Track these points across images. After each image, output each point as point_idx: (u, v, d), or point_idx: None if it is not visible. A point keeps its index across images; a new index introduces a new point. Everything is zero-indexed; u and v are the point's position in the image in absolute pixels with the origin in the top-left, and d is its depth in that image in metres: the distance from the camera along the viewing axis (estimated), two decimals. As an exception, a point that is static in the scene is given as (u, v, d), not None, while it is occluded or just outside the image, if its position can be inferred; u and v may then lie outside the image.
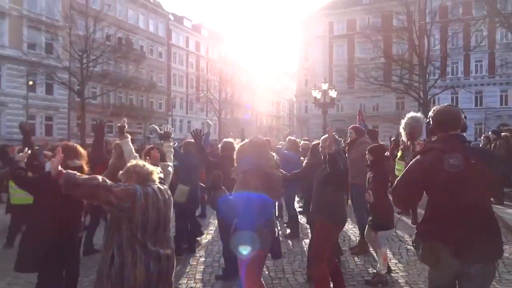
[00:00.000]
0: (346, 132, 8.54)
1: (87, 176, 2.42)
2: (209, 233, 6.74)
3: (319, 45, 41.83)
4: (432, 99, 24.27)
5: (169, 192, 2.72)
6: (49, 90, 28.78)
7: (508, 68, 31.70)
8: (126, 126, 3.69)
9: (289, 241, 6.11)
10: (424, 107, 20.57)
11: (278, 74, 71.17)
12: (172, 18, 44.35)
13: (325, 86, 18.45)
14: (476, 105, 34.58)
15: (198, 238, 6.12)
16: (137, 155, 3.40)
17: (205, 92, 41.99)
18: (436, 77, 25.14)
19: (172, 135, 4.22)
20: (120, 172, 2.62)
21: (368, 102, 39.73)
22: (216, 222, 5.42)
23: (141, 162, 2.68)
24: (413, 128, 3.68)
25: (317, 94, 18.52)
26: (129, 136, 3.64)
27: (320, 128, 29.15)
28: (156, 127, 5.71)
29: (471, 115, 30.55)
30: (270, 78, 66.59)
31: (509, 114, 32.88)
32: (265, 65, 64.13)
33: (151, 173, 2.60)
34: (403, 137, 3.87)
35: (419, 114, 3.82)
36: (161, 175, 2.82)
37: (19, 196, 5.53)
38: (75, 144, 3.50)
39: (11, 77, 26.07)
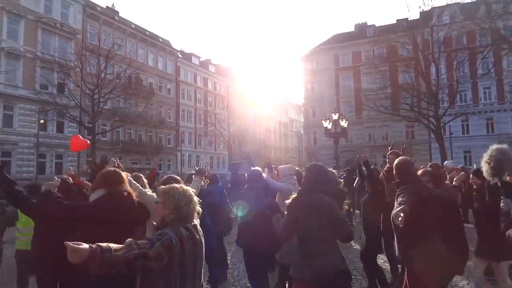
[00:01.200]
0: (355, 162, 8.26)
1: (120, 247, 1.81)
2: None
3: (325, 77, 42.32)
4: (443, 127, 23.97)
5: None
6: (59, 128, 29.12)
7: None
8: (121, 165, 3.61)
9: None
10: (436, 135, 20.19)
11: (284, 107, 71.83)
12: (180, 56, 45.54)
13: (335, 116, 18.31)
14: (487, 132, 34.13)
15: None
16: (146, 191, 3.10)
17: (214, 125, 42.25)
18: (445, 105, 24.98)
19: (206, 173, 4.02)
20: (156, 201, 2.17)
21: (377, 132, 39.50)
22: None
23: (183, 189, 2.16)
24: (500, 162, 3.31)
25: (327, 125, 18.35)
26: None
27: (330, 160, 28.86)
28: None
29: (483, 142, 29.99)
30: (276, 111, 67.15)
31: (524, 140, 32.23)
32: (272, 98, 64.85)
33: (193, 210, 2.13)
34: (486, 172, 3.46)
35: (505, 146, 3.47)
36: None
37: (25, 240, 5.12)
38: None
39: (23, 116, 26.51)
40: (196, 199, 2.16)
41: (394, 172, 3.31)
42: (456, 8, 31.33)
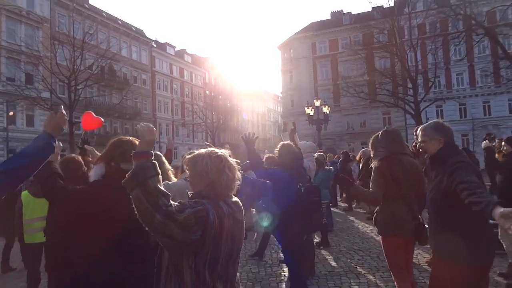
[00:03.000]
0: (335, 150, 8.36)
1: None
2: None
3: (303, 66, 42.31)
4: (422, 111, 24.48)
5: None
6: (29, 122, 27.77)
7: (488, 80, 32.67)
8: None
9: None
10: (416, 120, 20.54)
11: (262, 97, 71.57)
12: (155, 45, 44.29)
13: (317, 103, 18.24)
14: (460, 117, 35.23)
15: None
16: None
17: (192, 117, 41.56)
18: (421, 91, 25.50)
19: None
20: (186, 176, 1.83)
21: (355, 119, 40.03)
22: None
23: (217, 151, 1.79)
24: None
25: (310, 111, 18.27)
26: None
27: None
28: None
29: (458, 127, 30.98)
30: (254, 101, 66.84)
31: (493, 123, 33.50)
32: (249, 89, 64.43)
33: (233, 180, 1.74)
34: None
35: None
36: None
37: (33, 232, 4.53)
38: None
39: (-11, 110, 25.06)
40: (235, 165, 1.79)
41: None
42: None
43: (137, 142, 1.98)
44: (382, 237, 3.13)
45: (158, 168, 1.54)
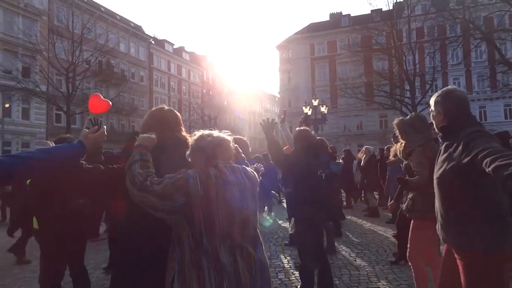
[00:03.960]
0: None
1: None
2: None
3: (301, 66, 42.38)
4: (419, 114, 24.72)
5: (253, 173, 1.96)
6: (25, 115, 27.53)
7: (484, 85, 32.97)
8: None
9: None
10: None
11: (259, 97, 71.56)
12: (153, 42, 44.12)
13: (315, 102, 18.26)
14: (456, 121, 35.52)
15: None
16: None
17: (189, 114, 41.43)
18: (417, 94, 25.70)
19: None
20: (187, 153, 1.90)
21: (352, 121, 40.14)
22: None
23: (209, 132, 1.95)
24: None
25: (308, 111, 18.29)
26: None
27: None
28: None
29: (454, 131, 31.18)
30: (251, 101, 66.80)
31: (489, 128, 33.70)
32: (246, 88, 64.39)
33: (226, 146, 1.89)
34: None
35: None
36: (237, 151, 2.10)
37: None
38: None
39: (-16, 102, 24.81)
40: (228, 141, 1.94)
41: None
42: (428, 0, 32.11)
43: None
44: (418, 219, 3.28)
45: (144, 155, 1.83)
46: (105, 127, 2.01)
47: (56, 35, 23.39)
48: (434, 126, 2.39)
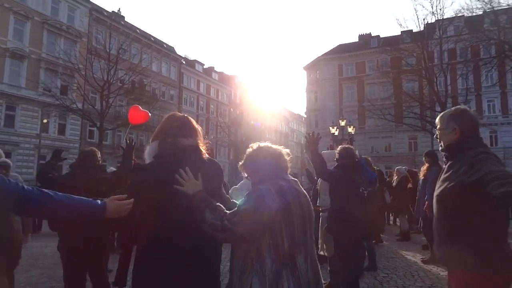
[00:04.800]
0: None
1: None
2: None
3: (328, 87, 42.34)
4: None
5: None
6: (61, 130, 28.87)
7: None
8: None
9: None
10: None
11: (286, 117, 71.70)
12: (184, 62, 45.56)
13: (343, 123, 18.09)
14: (491, 144, 33.96)
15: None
16: None
17: (216, 133, 42.03)
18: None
19: None
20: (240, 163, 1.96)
21: (380, 143, 39.35)
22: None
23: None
24: None
25: (335, 131, 18.13)
26: None
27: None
28: None
29: (488, 155, 29.87)
30: (278, 120, 67.02)
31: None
32: (274, 108, 64.75)
33: (286, 157, 1.93)
34: None
35: None
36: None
37: None
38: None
39: (25, 117, 26.24)
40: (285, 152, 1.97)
41: None
42: (461, 21, 31.51)
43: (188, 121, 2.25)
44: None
45: (205, 199, 1.76)
46: (132, 200, 1.81)
47: (94, 55, 24.70)
48: (441, 144, 2.25)
